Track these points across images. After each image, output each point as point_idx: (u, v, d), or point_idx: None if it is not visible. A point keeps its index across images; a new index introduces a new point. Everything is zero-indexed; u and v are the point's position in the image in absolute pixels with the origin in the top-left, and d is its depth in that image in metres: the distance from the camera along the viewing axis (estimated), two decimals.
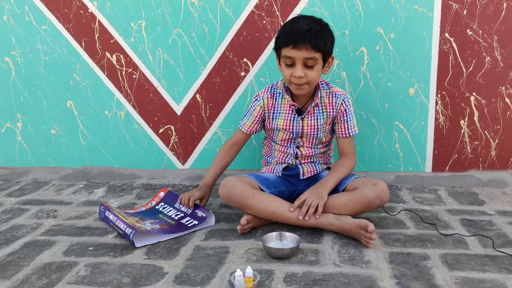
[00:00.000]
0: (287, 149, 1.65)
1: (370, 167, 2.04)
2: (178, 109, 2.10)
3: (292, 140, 1.64)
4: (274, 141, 1.68)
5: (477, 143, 1.98)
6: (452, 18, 1.87)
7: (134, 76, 2.10)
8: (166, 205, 1.67)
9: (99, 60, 2.10)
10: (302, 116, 1.60)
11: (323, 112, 1.61)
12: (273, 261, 1.28)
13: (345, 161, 1.61)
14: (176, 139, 2.14)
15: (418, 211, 1.63)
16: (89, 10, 2.05)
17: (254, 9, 1.95)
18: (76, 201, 1.85)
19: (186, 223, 1.52)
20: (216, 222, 1.56)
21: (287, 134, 1.62)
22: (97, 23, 2.06)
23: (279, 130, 1.63)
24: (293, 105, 1.60)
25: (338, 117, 1.63)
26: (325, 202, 1.45)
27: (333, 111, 1.62)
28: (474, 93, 1.93)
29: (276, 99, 1.63)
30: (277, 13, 1.94)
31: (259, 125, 1.68)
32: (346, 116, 1.62)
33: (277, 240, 1.36)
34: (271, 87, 1.65)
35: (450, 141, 1.99)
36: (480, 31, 1.87)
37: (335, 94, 1.61)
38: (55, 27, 2.09)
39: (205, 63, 2.04)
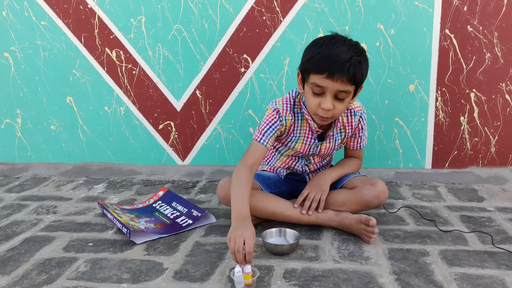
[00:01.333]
0: (294, 163, 1.59)
1: (370, 163, 2.04)
2: (178, 105, 2.10)
3: (302, 156, 1.57)
4: (279, 152, 1.60)
5: (477, 139, 1.98)
6: (452, 15, 1.86)
7: (133, 72, 2.09)
8: (163, 204, 1.68)
9: (99, 56, 2.10)
10: (322, 142, 1.51)
11: (341, 133, 1.52)
12: (272, 257, 1.28)
13: (352, 161, 1.60)
14: (176, 135, 2.14)
15: (417, 208, 1.63)
16: (89, 6, 2.05)
17: (254, 5, 1.94)
18: (76, 197, 1.85)
19: (180, 223, 1.52)
20: (216, 218, 1.56)
21: (299, 153, 1.55)
22: (96, 18, 2.06)
23: (291, 149, 1.54)
24: (317, 131, 1.47)
25: (354, 133, 1.55)
26: (327, 194, 1.45)
27: (351, 131, 1.53)
28: (474, 90, 1.93)
29: (296, 119, 1.47)
30: (277, 9, 1.94)
31: None
32: (361, 132, 1.55)
33: (276, 236, 1.36)
34: (292, 106, 1.46)
35: (450, 138, 1.98)
36: (481, 28, 1.87)
37: (354, 112, 1.49)
38: (55, 23, 2.09)
39: (205, 59, 2.03)
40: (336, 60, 1.26)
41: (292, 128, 1.48)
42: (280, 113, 1.45)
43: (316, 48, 1.32)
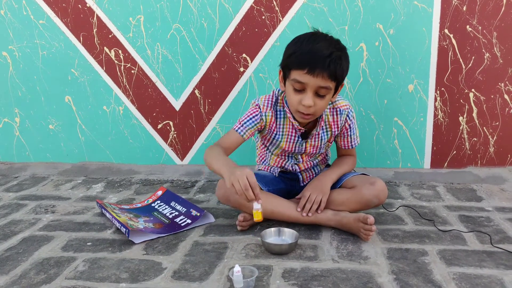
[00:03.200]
0: (285, 162, 1.59)
1: (369, 163, 2.04)
2: (177, 104, 2.10)
3: (291, 155, 1.58)
4: (270, 151, 1.61)
5: (475, 139, 1.98)
6: (451, 14, 1.86)
7: (132, 71, 2.09)
8: (162, 203, 1.67)
9: (98, 55, 2.09)
10: (306, 140, 1.52)
11: (327, 132, 1.53)
12: (271, 256, 1.28)
13: (348, 160, 1.60)
14: (175, 135, 2.14)
15: (416, 207, 1.64)
16: (87, 5, 2.04)
17: (253, 4, 1.94)
18: (75, 196, 1.85)
19: (179, 222, 1.52)
20: (215, 218, 1.56)
21: (286, 151, 1.56)
22: (95, 17, 2.05)
23: (277, 147, 1.55)
24: (300, 129, 1.48)
25: (342, 133, 1.56)
26: (328, 195, 1.45)
27: (337, 129, 1.53)
28: (473, 90, 1.93)
29: (278, 117, 1.49)
30: (276, 8, 1.93)
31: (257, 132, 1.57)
32: (350, 130, 1.55)
33: (275, 236, 1.36)
34: (274, 103, 1.48)
35: (448, 138, 1.99)
36: (480, 27, 1.87)
37: (340, 110, 1.50)
38: (53, 22, 2.08)
39: (204, 59, 2.03)
40: (316, 55, 1.27)
41: (274, 125, 1.49)
42: (261, 110, 1.47)
43: (297, 44, 1.33)
